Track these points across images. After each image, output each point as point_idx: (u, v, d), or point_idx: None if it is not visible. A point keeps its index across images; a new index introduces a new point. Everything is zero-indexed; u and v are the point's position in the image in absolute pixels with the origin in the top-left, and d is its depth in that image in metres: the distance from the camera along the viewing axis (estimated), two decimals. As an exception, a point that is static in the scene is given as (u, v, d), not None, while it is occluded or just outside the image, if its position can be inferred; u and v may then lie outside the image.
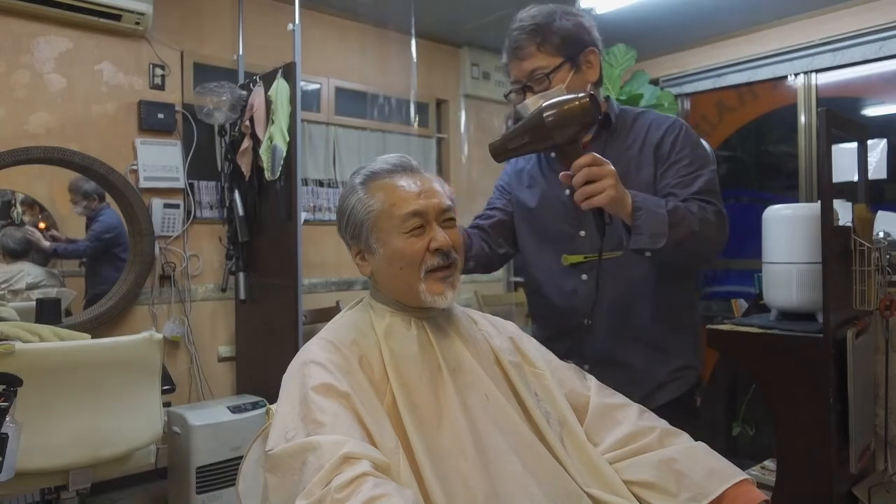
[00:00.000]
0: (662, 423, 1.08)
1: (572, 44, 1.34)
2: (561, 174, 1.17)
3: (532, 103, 1.33)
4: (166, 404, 2.27)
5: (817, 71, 3.91)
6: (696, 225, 1.18)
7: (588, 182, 1.09)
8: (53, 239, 3.02)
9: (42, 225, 2.99)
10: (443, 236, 1.02)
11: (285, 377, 0.99)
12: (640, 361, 1.36)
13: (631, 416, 1.09)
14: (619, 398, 1.14)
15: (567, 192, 1.31)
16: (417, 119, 4.11)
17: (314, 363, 0.95)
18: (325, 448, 0.82)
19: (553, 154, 1.45)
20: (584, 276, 1.37)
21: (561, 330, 1.42)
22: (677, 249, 1.18)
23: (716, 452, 1.02)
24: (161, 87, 3.10)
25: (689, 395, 1.41)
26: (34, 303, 2.54)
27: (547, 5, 1.36)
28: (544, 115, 1.09)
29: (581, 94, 1.09)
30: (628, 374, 1.34)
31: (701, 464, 0.99)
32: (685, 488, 0.97)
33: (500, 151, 1.20)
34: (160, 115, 3.05)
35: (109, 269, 3.11)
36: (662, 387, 1.37)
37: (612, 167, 1.11)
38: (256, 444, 1.06)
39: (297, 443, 0.85)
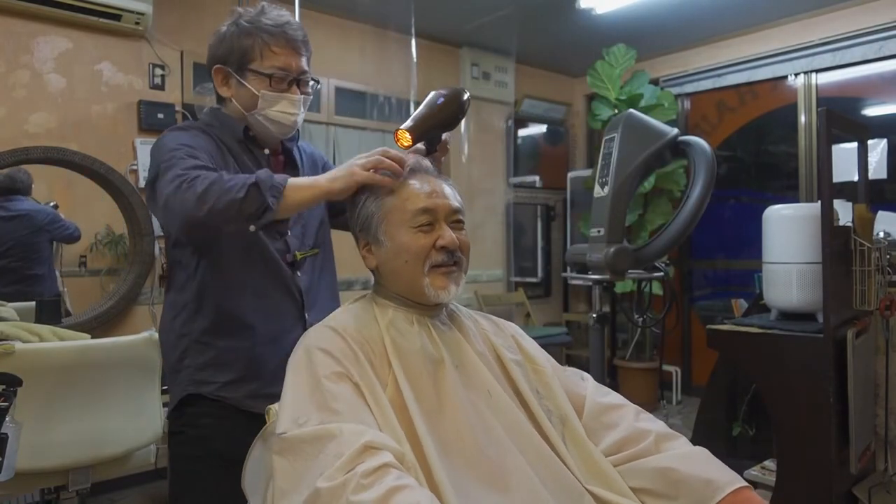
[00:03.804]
0: (658, 426, 1.08)
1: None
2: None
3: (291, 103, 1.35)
4: (166, 404, 2.26)
5: (817, 71, 3.91)
6: None
7: None
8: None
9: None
10: (450, 235, 1.03)
11: (291, 362, 0.99)
12: None
13: (627, 418, 1.09)
14: (615, 398, 1.14)
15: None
16: (417, 119, 4.11)
17: (320, 350, 0.96)
18: (346, 436, 0.83)
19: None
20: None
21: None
22: None
23: (715, 458, 1.02)
24: (161, 87, 3.11)
25: None
26: (34, 303, 2.54)
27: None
28: (462, 100, 1.21)
29: (456, 87, 1.23)
30: None
31: (699, 471, 0.98)
32: (683, 496, 0.97)
33: (417, 135, 1.21)
34: (160, 115, 3.05)
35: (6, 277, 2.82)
36: None
37: None
38: (259, 442, 1.06)
39: (315, 429, 0.85)
